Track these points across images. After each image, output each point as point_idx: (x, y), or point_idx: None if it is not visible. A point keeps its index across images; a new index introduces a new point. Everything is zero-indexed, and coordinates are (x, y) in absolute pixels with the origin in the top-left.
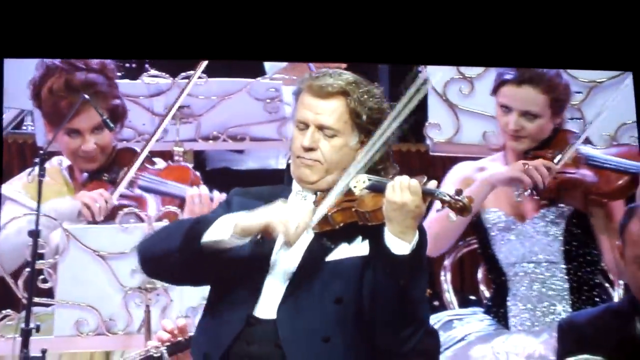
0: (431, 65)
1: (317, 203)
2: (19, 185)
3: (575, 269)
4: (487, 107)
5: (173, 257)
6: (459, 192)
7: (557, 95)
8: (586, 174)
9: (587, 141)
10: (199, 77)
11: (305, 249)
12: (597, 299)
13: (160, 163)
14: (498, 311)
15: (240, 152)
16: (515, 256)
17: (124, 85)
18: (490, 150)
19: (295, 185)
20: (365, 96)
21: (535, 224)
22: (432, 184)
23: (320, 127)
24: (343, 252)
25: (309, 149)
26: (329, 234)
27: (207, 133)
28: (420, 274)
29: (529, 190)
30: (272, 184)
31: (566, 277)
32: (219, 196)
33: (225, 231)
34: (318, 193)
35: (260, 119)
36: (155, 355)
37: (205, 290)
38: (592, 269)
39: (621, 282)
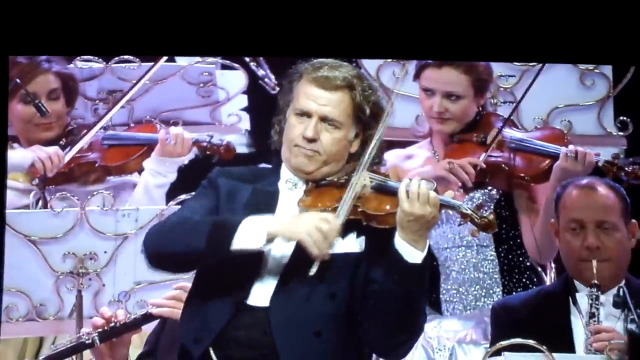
0: (364, 58)
1: (307, 192)
2: None
3: (506, 252)
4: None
5: (198, 257)
6: (480, 206)
7: (478, 75)
8: (510, 157)
9: (519, 124)
10: (131, 62)
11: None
12: (529, 282)
13: None
14: (430, 296)
15: None
16: (445, 241)
17: None
18: (416, 137)
19: (284, 172)
20: (369, 90)
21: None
22: (449, 194)
23: (324, 119)
24: (337, 247)
25: (311, 140)
26: None
27: (140, 117)
28: (426, 283)
29: (458, 190)
30: (207, 169)
31: (497, 260)
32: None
33: (257, 240)
34: (309, 183)
35: (193, 103)
36: (86, 341)
37: (137, 276)
38: (522, 252)
39: (553, 265)
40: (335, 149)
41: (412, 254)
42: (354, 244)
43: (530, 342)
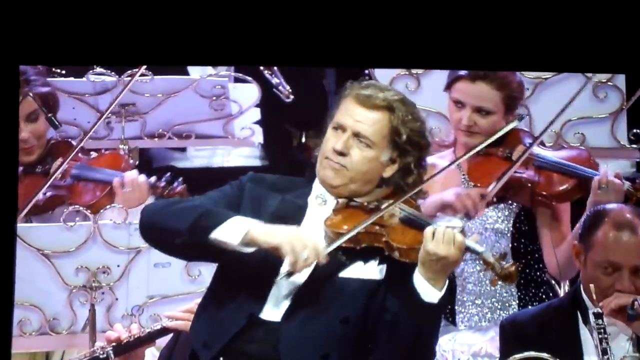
0: (377, 68)
1: (336, 211)
2: None
3: (523, 265)
4: (433, 104)
5: (179, 237)
6: (503, 256)
7: (510, 92)
8: (534, 174)
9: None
10: (144, 75)
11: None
12: (544, 296)
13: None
14: (445, 308)
15: (183, 150)
16: None
17: (70, 83)
18: (440, 147)
19: (316, 187)
20: (410, 117)
21: (484, 222)
22: (475, 238)
23: (357, 135)
24: (356, 271)
25: (340, 153)
26: (345, 249)
27: (152, 131)
28: (439, 323)
29: (464, 218)
30: (220, 183)
31: None
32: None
33: (235, 236)
34: (339, 201)
35: (206, 117)
36: (101, 355)
37: (151, 290)
38: (539, 266)
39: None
40: (365, 168)
41: (429, 293)
42: (374, 270)
43: (544, 355)
